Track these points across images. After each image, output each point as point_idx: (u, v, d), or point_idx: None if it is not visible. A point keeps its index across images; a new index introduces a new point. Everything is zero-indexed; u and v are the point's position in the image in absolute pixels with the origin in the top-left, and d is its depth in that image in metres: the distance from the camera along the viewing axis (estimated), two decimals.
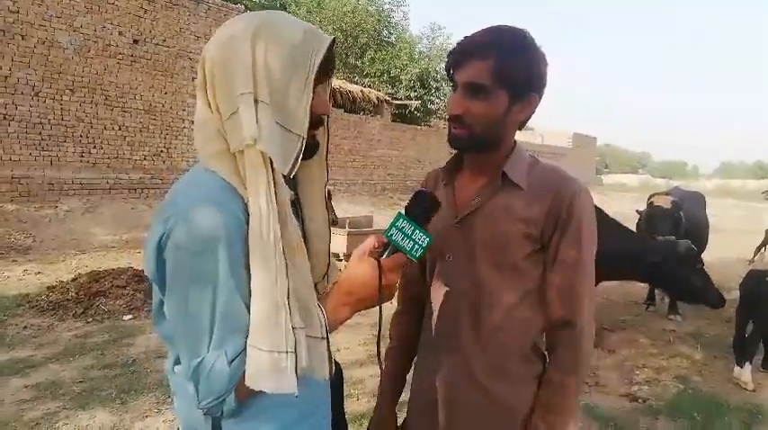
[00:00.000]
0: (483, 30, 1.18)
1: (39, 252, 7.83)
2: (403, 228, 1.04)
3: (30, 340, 4.38)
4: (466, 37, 1.19)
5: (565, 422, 1.20)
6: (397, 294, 1.14)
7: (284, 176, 0.93)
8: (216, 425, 0.97)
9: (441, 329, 1.30)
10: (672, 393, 3.95)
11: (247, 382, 0.89)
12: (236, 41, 0.93)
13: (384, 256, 1.04)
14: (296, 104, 0.94)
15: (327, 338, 0.97)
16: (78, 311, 5.03)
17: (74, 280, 5.72)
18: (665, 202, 5.58)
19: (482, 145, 1.22)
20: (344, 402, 1.19)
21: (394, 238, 1.04)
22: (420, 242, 1.04)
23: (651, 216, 5.56)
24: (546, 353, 1.27)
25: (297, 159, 0.94)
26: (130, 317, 5.03)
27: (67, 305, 5.13)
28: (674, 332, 5.46)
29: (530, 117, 1.24)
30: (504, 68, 1.13)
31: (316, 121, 0.99)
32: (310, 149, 1.00)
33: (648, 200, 6.95)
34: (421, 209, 1.08)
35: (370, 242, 1.05)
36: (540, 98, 1.21)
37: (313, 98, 0.95)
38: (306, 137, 0.95)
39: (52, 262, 7.33)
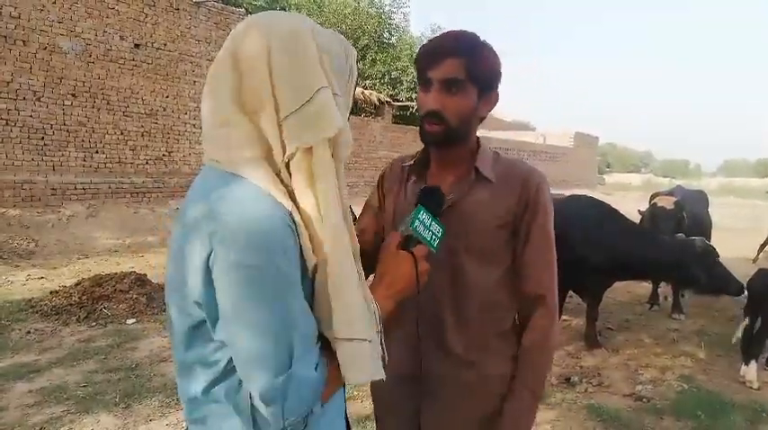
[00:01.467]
0: (447, 33, 1.31)
1: (42, 257, 7.85)
2: (424, 220, 1.13)
3: (34, 345, 4.39)
4: (433, 40, 1.32)
5: (539, 384, 1.33)
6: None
7: None
8: None
9: (422, 319, 1.34)
10: (676, 392, 3.93)
11: (347, 377, 0.90)
12: (294, 28, 0.90)
13: (411, 248, 1.11)
14: (347, 100, 0.98)
15: (382, 332, 0.98)
16: (82, 316, 5.04)
17: (77, 284, 5.73)
18: (667, 203, 5.57)
19: (455, 139, 1.31)
20: (347, 404, 1.19)
21: (418, 230, 1.12)
22: (436, 233, 1.14)
23: (654, 216, 5.57)
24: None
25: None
26: (134, 321, 5.04)
27: (71, 309, 5.14)
28: (678, 331, 5.44)
29: (489, 112, 1.36)
30: (475, 66, 1.25)
31: None
32: None
33: (651, 199, 6.95)
34: (434, 202, 1.18)
35: (396, 238, 1.14)
36: (498, 95, 1.34)
37: None
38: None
39: (55, 267, 7.34)
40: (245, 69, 0.88)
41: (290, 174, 0.89)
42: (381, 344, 0.97)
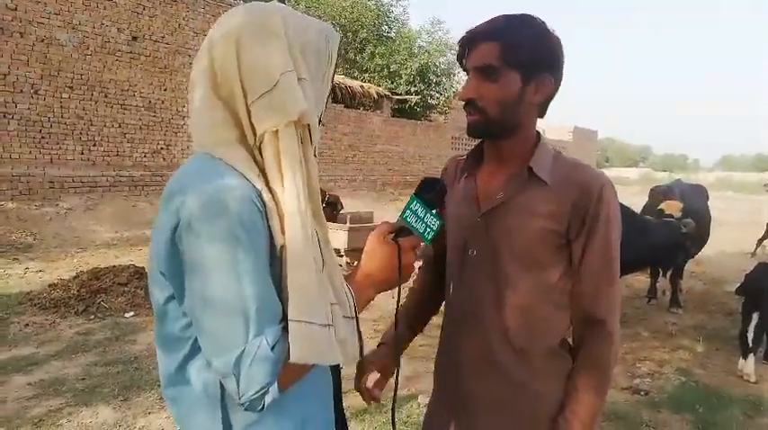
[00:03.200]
0: (489, 20, 1.20)
1: (40, 250, 7.83)
2: (416, 210, 1.08)
3: (32, 338, 4.39)
4: (472, 28, 1.20)
5: (591, 417, 1.17)
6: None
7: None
8: (226, 427, 0.93)
9: (464, 327, 1.28)
10: (674, 386, 3.95)
11: (294, 358, 0.87)
12: (264, 18, 0.93)
13: (400, 239, 1.07)
14: (322, 90, 0.99)
15: (357, 317, 0.98)
16: (80, 309, 5.04)
17: (75, 277, 5.72)
18: (674, 210, 5.46)
19: (498, 130, 1.20)
20: (344, 398, 1.18)
21: (408, 220, 1.07)
22: (431, 225, 1.07)
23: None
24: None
25: (317, 141, 0.98)
26: (132, 314, 5.04)
27: (69, 302, 5.13)
28: (676, 325, 5.46)
29: (548, 100, 1.21)
30: (512, 48, 1.13)
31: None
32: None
33: (650, 194, 6.95)
34: (432, 194, 1.11)
35: (385, 226, 1.08)
36: (556, 80, 1.19)
37: None
38: (321, 117, 1.00)
39: (53, 260, 7.33)
40: (216, 56, 0.92)
41: (263, 158, 0.92)
42: (358, 330, 0.98)
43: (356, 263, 1.09)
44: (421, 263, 1.30)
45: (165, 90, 11.32)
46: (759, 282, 4.24)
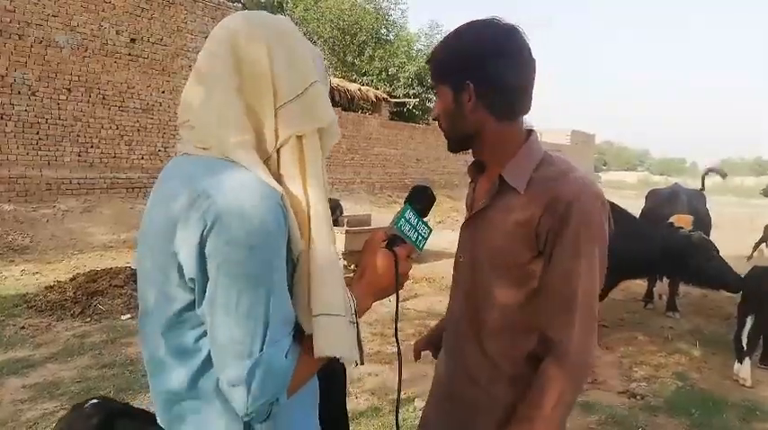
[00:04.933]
0: None
1: (36, 252, 7.81)
2: (410, 219, 1.10)
3: (28, 340, 4.37)
4: None
5: None
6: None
7: None
8: None
9: (449, 330, 1.35)
10: (670, 390, 3.95)
11: (321, 352, 0.89)
12: (292, 35, 0.96)
13: (395, 247, 1.08)
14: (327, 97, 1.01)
15: (358, 324, 0.99)
16: (76, 311, 5.02)
17: (72, 279, 5.71)
18: (686, 223, 5.42)
19: (459, 141, 1.24)
20: (348, 400, 1.20)
21: (402, 229, 1.09)
22: (423, 233, 1.10)
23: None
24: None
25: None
26: (128, 316, 5.02)
27: (65, 305, 5.12)
28: (673, 329, 5.46)
29: (493, 102, 1.16)
30: (436, 65, 1.21)
31: None
32: None
33: (647, 197, 6.96)
34: (422, 202, 1.13)
35: (380, 236, 1.10)
36: (479, 80, 1.14)
37: None
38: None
39: (50, 262, 7.31)
40: (244, 57, 0.91)
41: (279, 162, 0.92)
42: (358, 335, 0.99)
43: (353, 266, 1.11)
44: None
45: (163, 92, 11.32)
46: (754, 286, 4.25)
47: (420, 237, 1.09)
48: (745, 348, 4.12)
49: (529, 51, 1.16)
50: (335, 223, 7.68)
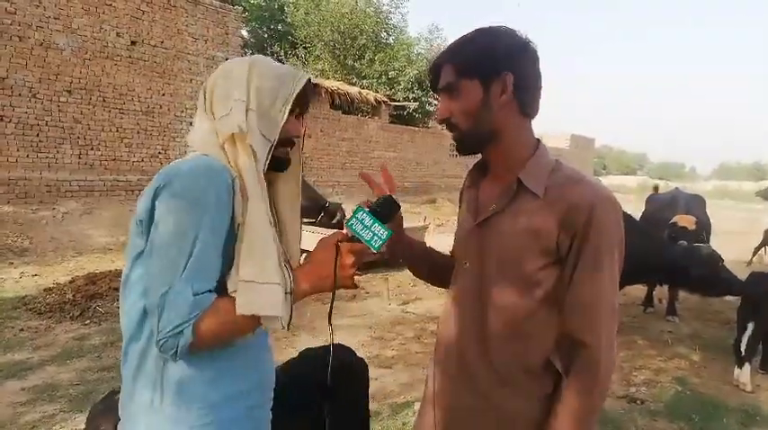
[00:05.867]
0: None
1: (36, 254, 7.80)
2: (363, 219, 1.16)
3: (27, 342, 4.36)
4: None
5: None
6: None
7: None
8: (163, 378, 1.11)
9: (448, 337, 1.30)
10: (670, 394, 3.95)
11: (240, 310, 1.06)
12: (236, 66, 1.21)
13: (341, 243, 1.17)
14: (275, 118, 1.19)
15: (291, 293, 1.13)
16: (75, 313, 5.01)
17: (71, 282, 5.70)
18: (689, 223, 5.47)
19: (477, 141, 1.22)
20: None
21: (354, 228, 1.16)
22: (380, 235, 1.15)
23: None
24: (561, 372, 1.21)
25: (267, 160, 1.17)
26: None
27: (65, 307, 5.11)
28: (672, 334, 5.46)
29: (524, 96, 1.18)
30: (460, 61, 1.18)
31: (285, 140, 1.23)
32: (280, 162, 1.24)
33: (647, 201, 6.96)
34: (383, 207, 1.20)
35: (340, 234, 1.19)
36: (520, 74, 1.16)
37: (287, 121, 1.20)
38: (275, 143, 1.19)
39: (49, 264, 7.30)
40: (206, 88, 1.23)
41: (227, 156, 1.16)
42: (291, 304, 1.14)
43: None
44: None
45: (163, 95, 11.32)
46: (754, 291, 4.25)
47: (376, 238, 1.15)
48: (744, 353, 4.12)
49: None
50: (338, 226, 7.69)
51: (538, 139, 1.24)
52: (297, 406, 1.44)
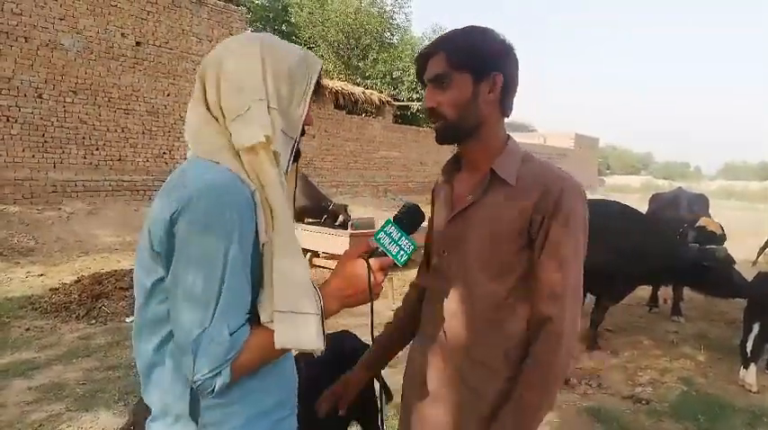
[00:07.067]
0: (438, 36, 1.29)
1: (42, 254, 7.84)
2: (390, 233, 1.13)
3: (33, 342, 4.39)
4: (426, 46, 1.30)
5: (528, 414, 1.18)
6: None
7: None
8: (194, 406, 1.00)
9: (429, 322, 1.36)
10: (675, 395, 3.93)
11: (282, 344, 0.98)
12: (243, 50, 1.05)
13: (371, 259, 1.11)
14: (295, 114, 1.08)
15: (322, 316, 1.05)
16: (81, 313, 5.04)
17: (77, 282, 5.73)
18: (716, 228, 5.54)
19: (461, 132, 1.26)
20: None
21: (381, 242, 1.13)
22: (405, 248, 1.13)
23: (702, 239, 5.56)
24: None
25: (290, 161, 1.08)
26: (133, 318, 5.03)
27: (70, 307, 5.13)
28: (678, 334, 5.44)
29: (507, 97, 1.26)
30: (457, 53, 1.21)
31: (303, 131, 1.13)
32: (297, 154, 1.13)
33: (650, 200, 6.94)
34: (409, 218, 1.17)
35: (363, 245, 1.14)
36: (508, 77, 1.23)
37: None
38: (298, 140, 1.10)
39: (55, 264, 7.34)
40: (205, 80, 1.05)
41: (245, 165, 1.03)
42: (323, 327, 1.05)
43: None
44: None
45: (168, 95, 11.36)
46: (760, 292, 4.23)
47: (402, 252, 1.12)
48: (750, 354, 4.11)
49: None
50: (344, 226, 7.72)
51: (508, 134, 1.31)
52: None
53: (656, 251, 4.44)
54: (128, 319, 5.02)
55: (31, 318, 4.96)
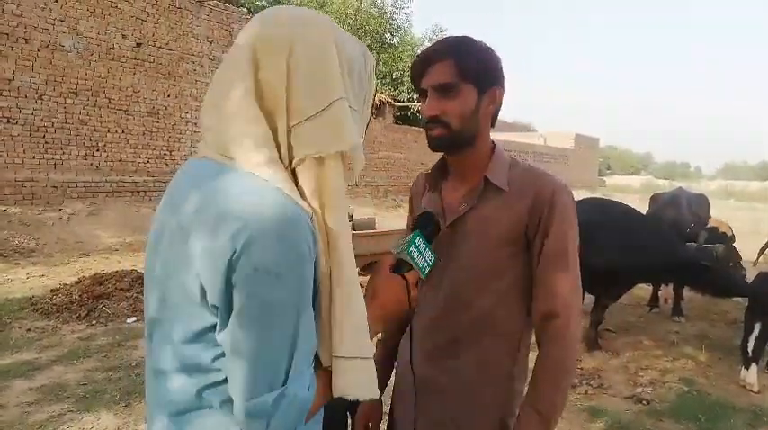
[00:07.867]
0: (437, 41, 1.29)
1: (42, 255, 7.85)
2: (419, 246, 1.10)
3: (34, 343, 4.39)
4: (424, 50, 1.29)
5: (549, 409, 1.19)
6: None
7: None
8: None
9: (423, 331, 1.35)
10: (676, 395, 3.93)
11: (338, 393, 0.87)
12: (324, 43, 0.86)
13: (404, 273, 1.07)
14: (364, 110, 0.95)
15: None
16: (82, 314, 5.04)
17: (77, 282, 5.72)
18: (727, 229, 5.62)
19: (461, 142, 1.27)
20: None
21: (412, 255, 1.08)
22: (429, 260, 1.11)
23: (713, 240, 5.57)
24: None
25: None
26: (134, 319, 5.04)
27: (71, 308, 5.13)
28: (678, 334, 5.44)
29: (497, 111, 1.30)
30: (465, 65, 1.21)
31: None
32: None
33: (651, 200, 6.93)
34: (429, 228, 1.16)
35: (389, 260, 1.09)
36: (502, 92, 1.28)
37: None
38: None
39: (56, 265, 7.34)
40: (263, 66, 0.83)
41: (297, 181, 0.85)
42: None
43: (358, 269, 1.09)
44: None
45: (168, 96, 11.37)
46: (761, 291, 4.23)
47: (426, 265, 1.10)
48: (751, 354, 4.11)
49: None
50: None
51: (493, 141, 1.35)
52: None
53: (655, 250, 4.44)
54: (129, 320, 5.02)
55: (31, 318, 4.96)
